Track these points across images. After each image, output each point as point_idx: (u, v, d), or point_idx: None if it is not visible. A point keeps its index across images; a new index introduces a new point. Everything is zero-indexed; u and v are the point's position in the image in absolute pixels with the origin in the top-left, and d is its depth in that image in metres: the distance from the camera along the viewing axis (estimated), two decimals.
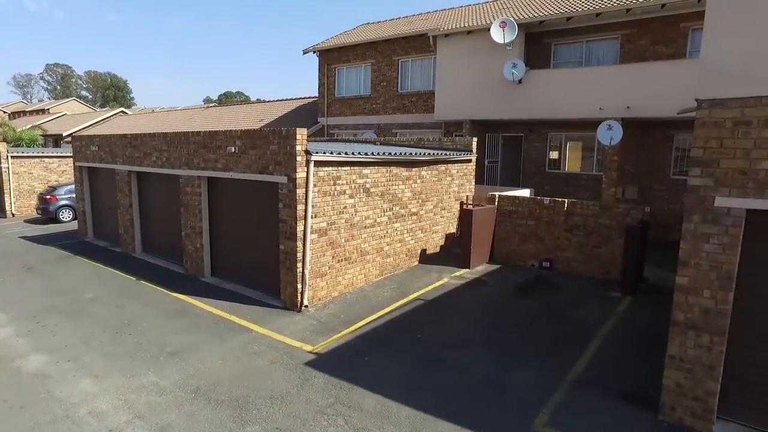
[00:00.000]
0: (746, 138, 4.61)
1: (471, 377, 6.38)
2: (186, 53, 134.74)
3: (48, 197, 18.34)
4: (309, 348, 7.25)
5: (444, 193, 12.44)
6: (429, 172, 11.80)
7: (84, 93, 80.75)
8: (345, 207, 9.45)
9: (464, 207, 12.06)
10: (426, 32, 17.09)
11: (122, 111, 42.07)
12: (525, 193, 13.09)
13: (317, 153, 8.51)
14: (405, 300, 9.27)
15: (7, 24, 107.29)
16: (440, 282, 10.38)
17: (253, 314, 8.59)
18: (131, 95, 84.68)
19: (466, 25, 15.86)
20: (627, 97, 12.95)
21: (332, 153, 8.84)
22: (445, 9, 21.67)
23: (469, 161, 13.26)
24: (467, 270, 11.23)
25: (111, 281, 10.70)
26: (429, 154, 11.63)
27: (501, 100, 15.16)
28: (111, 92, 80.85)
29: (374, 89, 20.06)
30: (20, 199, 20.43)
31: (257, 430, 5.27)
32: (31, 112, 51.96)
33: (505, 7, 17.51)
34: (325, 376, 6.38)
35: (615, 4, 13.75)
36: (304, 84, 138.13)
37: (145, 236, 13.15)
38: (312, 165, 8.41)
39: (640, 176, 14.54)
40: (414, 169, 11.25)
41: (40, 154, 21.58)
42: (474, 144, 13.35)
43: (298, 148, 8.25)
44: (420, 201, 11.59)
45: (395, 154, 10.45)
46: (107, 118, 37.76)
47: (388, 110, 19.67)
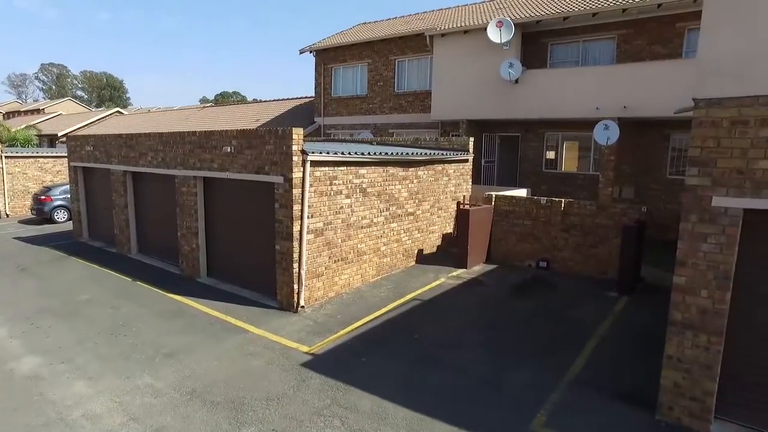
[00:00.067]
0: (743, 137, 4.61)
1: (468, 377, 6.36)
2: (181, 53, 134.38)
3: (43, 197, 18.24)
4: (305, 349, 7.22)
5: (441, 193, 12.42)
6: (426, 172, 11.78)
7: (79, 93, 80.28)
8: (341, 207, 9.41)
9: (461, 207, 12.03)
10: (423, 32, 17.06)
11: (118, 111, 41.84)
12: (522, 193, 13.11)
13: (313, 153, 8.47)
14: (402, 300, 9.25)
15: None
16: (437, 282, 10.36)
17: (249, 315, 8.55)
18: (127, 95, 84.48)
19: (463, 25, 15.85)
20: (623, 97, 12.97)
21: (329, 153, 8.81)
22: (442, 9, 21.67)
23: (466, 161, 13.25)
24: (464, 270, 11.22)
25: (106, 282, 10.63)
26: (426, 154, 11.61)
27: (498, 100, 15.15)
28: (107, 92, 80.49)
29: (371, 89, 20.03)
30: (15, 200, 20.32)
31: None
32: (26, 112, 51.59)
33: (502, 7, 17.52)
34: (322, 377, 6.34)
35: (611, 4, 13.77)
36: (301, 84, 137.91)
37: (141, 237, 13.07)
38: (308, 165, 8.38)
39: (637, 176, 14.57)
40: (411, 169, 11.23)
41: (35, 154, 21.45)
42: (471, 144, 13.34)
43: (295, 148, 8.22)
44: (417, 201, 11.57)
45: (392, 154, 10.43)
46: (103, 118, 37.56)
47: (385, 110, 19.64)
